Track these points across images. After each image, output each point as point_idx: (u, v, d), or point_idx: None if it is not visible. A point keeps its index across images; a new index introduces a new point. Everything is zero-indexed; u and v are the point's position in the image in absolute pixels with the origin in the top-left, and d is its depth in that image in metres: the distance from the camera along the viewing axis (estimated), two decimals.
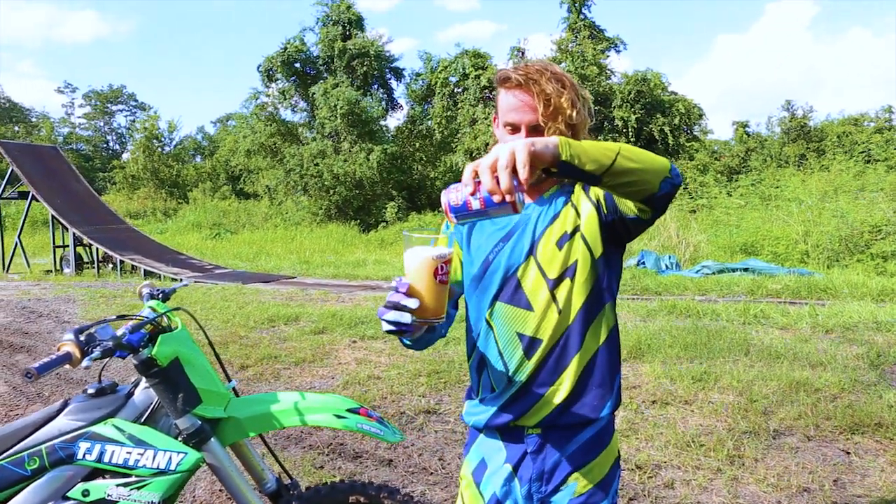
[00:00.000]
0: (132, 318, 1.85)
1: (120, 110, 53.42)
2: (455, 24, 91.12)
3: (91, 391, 1.76)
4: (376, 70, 25.26)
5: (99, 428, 1.69)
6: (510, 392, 1.42)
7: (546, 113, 1.34)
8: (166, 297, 2.15)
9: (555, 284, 1.37)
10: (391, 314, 1.15)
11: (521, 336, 1.40)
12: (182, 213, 28.73)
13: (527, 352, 1.40)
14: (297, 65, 25.64)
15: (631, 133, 21.21)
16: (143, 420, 1.81)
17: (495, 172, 1.01)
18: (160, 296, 2.13)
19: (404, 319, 1.14)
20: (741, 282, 9.18)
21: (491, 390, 1.46)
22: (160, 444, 1.70)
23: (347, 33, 25.18)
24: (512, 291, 1.40)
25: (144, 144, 34.51)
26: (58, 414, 1.73)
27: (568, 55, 22.68)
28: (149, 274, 13.64)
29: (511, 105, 1.38)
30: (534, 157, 1.04)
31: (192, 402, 1.81)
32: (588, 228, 1.39)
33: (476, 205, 1.05)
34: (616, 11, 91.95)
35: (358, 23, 25.43)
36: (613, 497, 1.48)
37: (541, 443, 1.43)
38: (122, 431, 1.69)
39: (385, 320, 1.16)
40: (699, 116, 23.84)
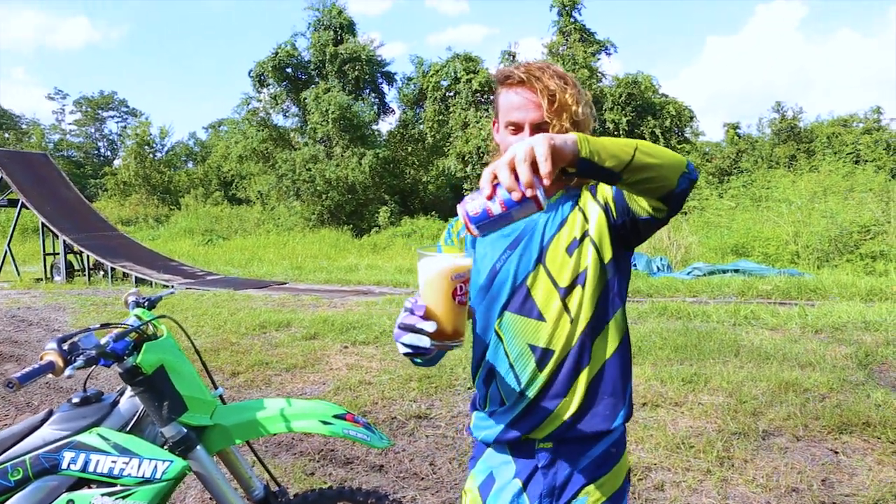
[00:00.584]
0: (117, 327, 1.84)
1: (111, 116, 53.22)
2: (447, 28, 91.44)
3: (76, 400, 1.76)
4: (368, 74, 25.30)
5: (83, 437, 1.68)
6: (522, 405, 1.37)
7: (551, 109, 1.30)
8: (152, 305, 2.15)
9: (566, 293, 1.33)
10: (408, 337, 1.10)
11: (534, 347, 1.35)
12: (174, 220, 28.61)
13: (539, 363, 1.35)
14: (289, 70, 25.65)
15: (622, 136, 21.30)
16: (129, 429, 1.81)
17: (514, 169, 0.96)
18: (146, 304, 2.13)
19: (422, 343, 1.08)
20: (732, 283, 9.22)
21: (500, 403, 1.41)
22: (145, 453, 1.69)
23: (339, 38, 25.22)
24: (521, 301, 1.36)
25: (136, 151, 34.37)
26: (42, 424, 1.73)
27: (559, 58, 22.76)
28: (140, 281, 13.58)
29: (514, 103, 1.34)
30: (553, 153, 0.97)
31: (178, 410, 1.81)
32: (597, 233, 1.35)
33: (496, 209, 0.98)
34: (606, 14, 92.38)
35: (349, 27, 25.47)
36: None
37: (552, 457, 1.38)
38: (107, 440, 1.68)
39: (402, 343, 1.11)
40: (690, 118, 23.99)
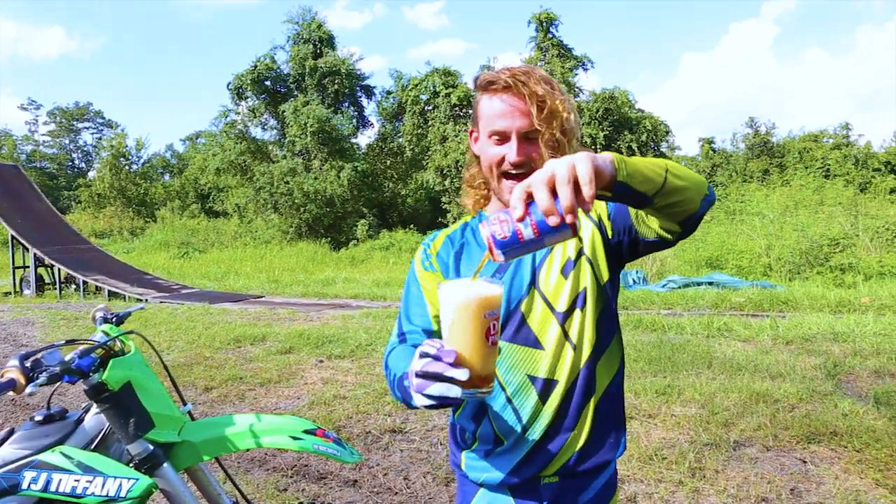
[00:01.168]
0: (83, 343, 1.82)
1: (86, 128, 52.59)
2: (427, 42, 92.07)
3: (38, 418, 1.73)
4: (347, 88, 25.38)
5: (46, 456, 1.65)
6: (527, 445, 1.25)
7: (540, 116, 1.19)
8: (120, 321, 2.13)
9: (565, 318, 1.24)
10: (436, 387, 0.89)
11: (534, 378, 1.24)
12: (150, 232, 28.26)
13: (542, 396, 1.23)
14: (268, 83, 25.64)
15: (599, 150, 21.53)
16: (94, 446, 1.78)
17: (553, 189, 0.84)
18: (114, 320, 2.11)
19: (452, 394, 0.89)
20: (706, 295, 9.35)
21: (495, 441, 1.28)
22: (110, 471, 1.67)
23: (318, 51, 25.28)
24: (516, 328, 1.25)
25: (111, 163, 33.97)
26: (2, 443, 1.70)
27: None
28: (113, 295, 13.38)
29: (498, 111, 1.23)
30: (595, 174, 0.87)
31: (145, 427, 1.79)
32: (592, 251, 1.26)
33: (528, 233, 0.87)
34: (584, 31, 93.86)
35: (329, 41, 25.56)
36: None
37: (557, 493, 1.27)
38: (71, 459, 1.66)
39: (427, 395, 0.90)
40: (666, 133, 24.38)
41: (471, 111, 1.40)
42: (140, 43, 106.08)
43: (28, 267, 15.51)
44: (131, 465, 1.77)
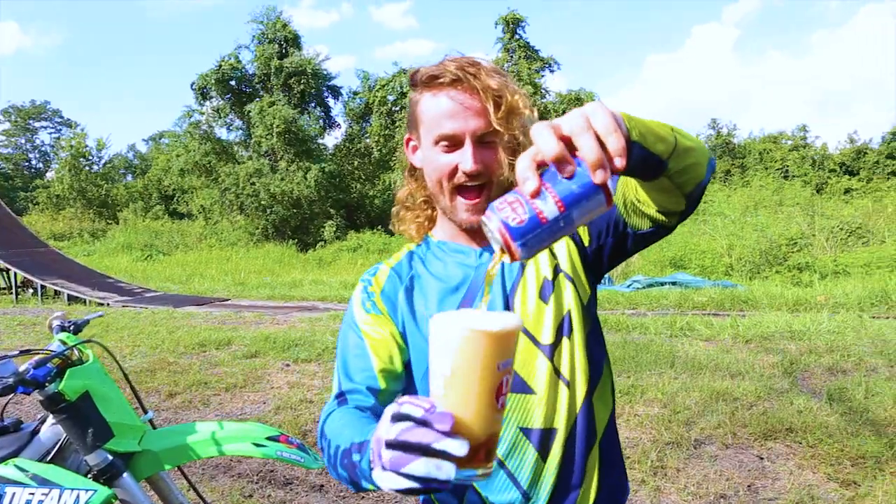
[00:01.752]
0: (38, 353, 1.79)
1: (43, 127, 51.08)
2: (395, 42, 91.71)
3: None
4: (313, 88, 25.19)
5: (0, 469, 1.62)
6: None
7: (498, 114, 0.98)
8: (78, 329, 2.09)
9: (552, 350, 1.03)
10: (420, 465, 0.61)
11: (529, 431, 1.02)
12: (111, 235, 27.61)
13: (542, 452, 1.02)
14: (233, 83, 25.32)
15: None
16: (50, 458, 1.76)
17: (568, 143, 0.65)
18: (71, 328, 2.07)
19: (443, 475, 0.61)
20: (669, 295, 9.54)
21: None
22: (67, 483, 1.65)
23: (284, 51, 25.04)
24: None
25: (71, 163, 33.06)
26: None
27: None
28: (73, 299, 13.05)
29: (447, 110, 1.00)
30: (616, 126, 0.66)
31: (104, 437, 1.77)
32: (571, 266, 1.08)
33: (551, 209, 0.65)
34: (550, 32, 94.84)
35: (294, 41, 25.33)
36: None
37: None
38: (25, 471, 1.63)
39: (407, 476, 0.62)
40: None
41: None
42: (99, 40, 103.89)
43: None
44: (90, 476, 1.74)
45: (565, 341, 1.04)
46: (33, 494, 1.60)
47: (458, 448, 0.61)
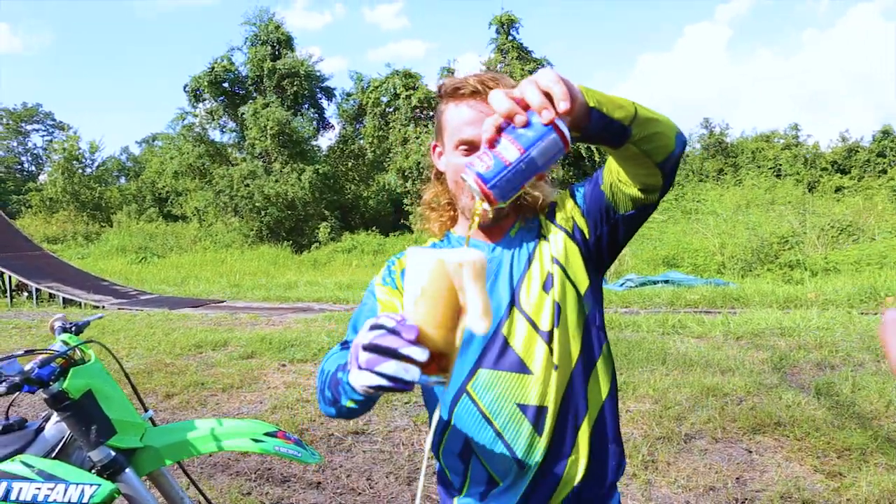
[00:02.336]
0: (42, 353, 1.84)
1: (36, 130, 50.80)
2: (388, 43, 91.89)
3: None
4: (307, 90, 25.22)
5: (5, 465, 1.68)
6: (525, 481, 1.15)
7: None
8: (79, 330, 2.15)
9: (550, 336, 1.14)
10: (390, 365, 0.74)
11: (524, 407, 1.13)
12: (105, 237, 27.52)
13: (536, 426, 1.13)
14: (226, 84, 25.31)
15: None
16: (55, 454, 1.81)
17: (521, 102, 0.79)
18: (73, 329, 2.13)
19: (409, 376, 0.74)
20: (662, 293, 9.62)
21: (489, 482, 1.17)
22: (71, 478, 1.70)
23: (277, 53, 25.05)
24: (498, 354, 1.14)
25: (63, 166, 32.92)
26: None
27: None
28: (68, 302, 13.05)
29: (467, 118, 1.14)
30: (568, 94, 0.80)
31: (106, 434, 1.82)
32: (566, 259, 1.18)
33: (512, 153, 0.78)
34: (543, 31, 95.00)
35: (287, 42, 25.34)
36: None
37: None
38: (31, 467, 1.68)
39: (378, 374, 0.75)
40: None
41: (431, 113, 1.13)
42: (92, 42, 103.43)
43: None
44: (93, 472, 1.79)
45: (559, 328, 1.14)
46: (39, 489, 1.65)
47: (420, 354, 0.74)
